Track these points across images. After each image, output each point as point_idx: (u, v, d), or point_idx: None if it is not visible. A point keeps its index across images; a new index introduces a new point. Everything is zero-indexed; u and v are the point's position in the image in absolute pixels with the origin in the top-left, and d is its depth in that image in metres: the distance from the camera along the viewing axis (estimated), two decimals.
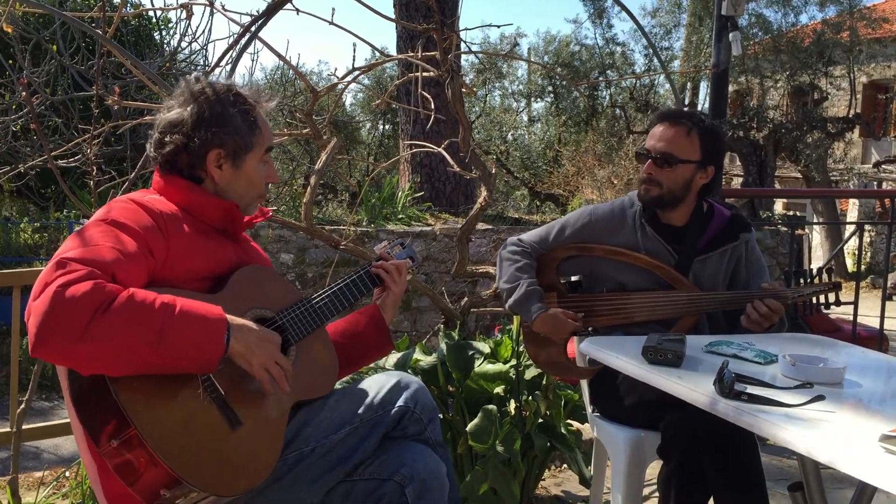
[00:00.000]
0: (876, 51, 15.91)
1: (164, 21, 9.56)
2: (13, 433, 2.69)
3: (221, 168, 1.72)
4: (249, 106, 1.75)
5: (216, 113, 1.70)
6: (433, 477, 1.70)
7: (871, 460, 1.23)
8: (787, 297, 2.26)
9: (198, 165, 1.71)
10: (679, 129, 2.32)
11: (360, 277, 1.91)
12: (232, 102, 1.73)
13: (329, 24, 2.86)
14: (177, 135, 1.69)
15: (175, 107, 1.73)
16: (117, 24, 2.89)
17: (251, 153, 1.75)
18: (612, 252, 2.38)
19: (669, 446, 2.02)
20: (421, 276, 7.01)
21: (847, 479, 1.31)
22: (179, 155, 1.70)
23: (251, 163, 1.75)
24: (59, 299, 1.34)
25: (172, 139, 1.69)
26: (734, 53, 3.78)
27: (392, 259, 1.98)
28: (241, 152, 1.73)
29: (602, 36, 16.30)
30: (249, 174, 1.75)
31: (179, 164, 1.71)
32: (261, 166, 1.78)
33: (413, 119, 9.00)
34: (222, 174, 1.72)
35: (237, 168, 1.73)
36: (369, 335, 1.94)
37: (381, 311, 1.96)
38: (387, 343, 1.97)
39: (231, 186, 1.74)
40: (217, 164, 1.71)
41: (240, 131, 1.72)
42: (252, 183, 1.77)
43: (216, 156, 1.71)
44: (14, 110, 6.98)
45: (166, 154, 1.70)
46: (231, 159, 1.72)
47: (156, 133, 1.73)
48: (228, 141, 1.71)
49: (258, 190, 1.79)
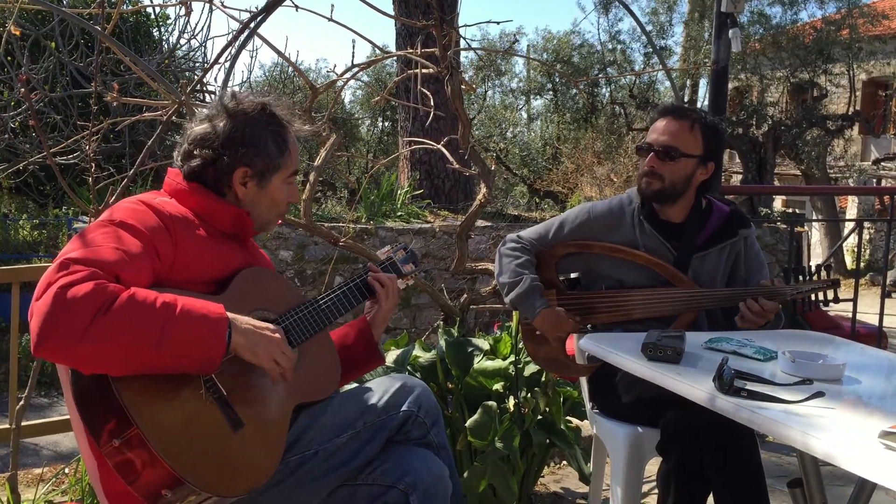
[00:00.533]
0: (876, 48, 15.90)
1: (163, 17, 9.55)
2: (12, 430, 2.68)
3: (246, 186, 1.73)
4: (282, 128, 1.76)
5: (248, 132, 1.70)
6: (436, 482, 1.71)
7: (870, 457, 1.23)
8: (785, 293, 2.26)
9: (223, 181, 1.72)
10: (682, 123, 2.32)
11: (357, 286, 1.89)
12: (265, 122, 1.73)
13: (328, 20, 2.86)
14: (206, 149, 1.70)
15: (207, 120, 1.72)
16: (116, 20, 2.88)
17: (278, 174, 1.75)
18: (611, 249, 2.38)
19: (669, 443, 2.02)
20: (420, 273, 7.01)
21: (847, 475, 1.31)
22: (206, 169, 1.70)
23: (276, 183, 1.76)
24: (60, 300, 1.34)
25: (201, 153, 1.70)
26: (734, 50, 3.78)
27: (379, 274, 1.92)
28: (268, 173, 1.74)
29: (607, 31, 16.27)
30: (273, 194, 1.76)
31: (205, 177, 1.71)
32: (285, 187, 1.78)
33: (412, 116, 8.99)
34: (246, 192, 1.73)
35: (262, 188, 1.74)
36: (358, 349, 1.94)
37: (371, 325, 1.95)
38: (375, 357, 1.97)
39: (254, 204, 1.75)
40: (242, 181, 1.72)
41: (269, 153, 1.72)
42: (275, 203, 1.78)
43: (242, 174, 1.71)
44: (13, 107, 6.97)
45: (193, 167, 1.71)
46: (257, 179, 1.73)
47: (185, 144, 1.73)
48: (257, 161, 1.71)
49: (280, 209, 1.80)
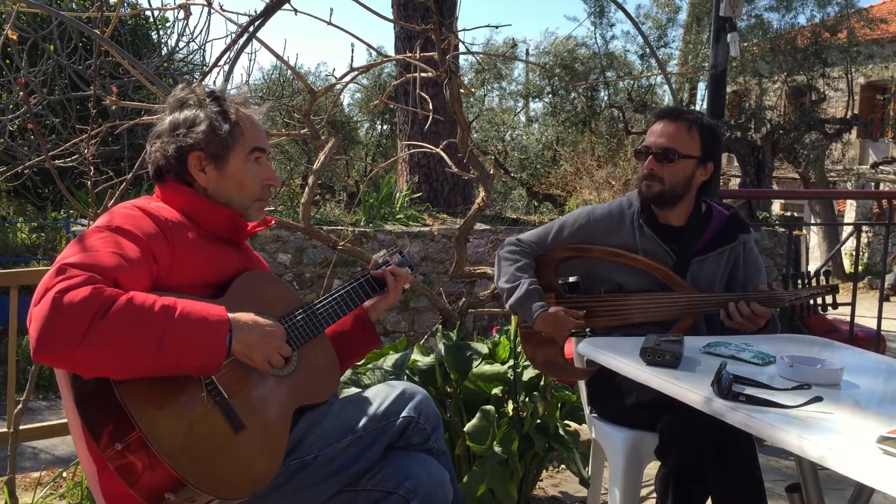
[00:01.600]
0: (874, 52, 15.92)
1: (162, 21, 9.55)
2: (10, 433, 2.68)
3: (205, 171, 1.71)
4: (225, 105, 1.74)
5: (188, 116, 1.71)
6: (437, 487, 1.71)
7: (868, 461, 1.23)
8: (784, 299, 2.26)
9: (181, 170, 1.71)
10: (680, 125, 2.33)
11: (361, 284, 1.90)
12: (206, 104, 1.73)
13: (327, 24, 2.86)
14: (157, 142, 1.72)
15: (163, 118, 1.75)
16: (115, 23, 2.88)
17: (234, 152, 1.73)
18: (611, 253, 2.38)
19: (667, 447, 2.02)
20: (419, 276, 7.01)
21: (845, 480, 1.31)
22: (167, 163, 1.71)
23: (235, 163, 1.73)
24: (57, 305, 1.34)
25: (154, 147, 1.72)
26: (732, 54, 3.79)
27: (394, 267, 1.98)
28: (222, 152, 1.71)
29: (602, 35, 16.28)
30: (237, 175, 1.73)
31: (166, 172, 1.72)
32: (250, 167, 1.75)
33: (411, 119, 9.00)
34: (207, 177, 1.72)
35: (220, 170, 1.72)
36: (356, 334, 1.96)
37: (368, 311, 1.97)
38: (374, 339, 1.99)
39: (220, 189, 1.73)
40: (199, 167, 1.71)
41: (217, 130, 1.70)
42: (243, 185, 1.74)
43: (196, 158, 1.70)
44: (11, 110, 6.96)
45: (153, 164, 1.73)
46: (213, 161, 1.71)
47: (147, 145, 1.75)
48: (204, 142, 1.70)
49: (251, 192, 1.76)
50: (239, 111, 1.76)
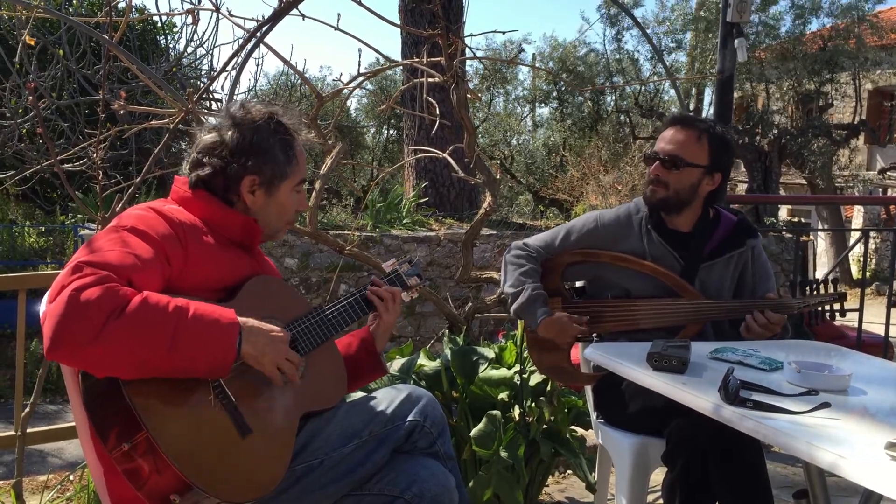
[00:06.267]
0: (881, 58, 15.88)
1: (169, 26, 9.60)
2: (18, 437, 2.69)
3: (254, 194, 1.74)
4: (290, 137, 1.78)
5: (256, 141, 1.72)
6: (443, 492, 1.71)
7: (876, 468, 1.22)
8: (792, 307, 2.25)
9: (232, 189, 1.73)
10: (690, 133, 2.32)
11: (357, 300, 1.89)
12: (273, 131, 1.75)
13: (335, 29, 2.87)
14: (215, 158, 1.71)
15: (215, 129, 1.75)
16: (123, 28, 2.90)
17: (286, 182, 1.77)
18: (618, 258, 2.37)
19: (674, 453, 2.01)
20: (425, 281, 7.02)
21: (852, 487, 1.31)
22: (215, 177, 1.72)
23: (285, 192, 1.77)
24: (73, 303, 1.35)
25: (210, 162, 1.71)
26: (739, 60, 3.79)
27: (384, 287, 1.93)
28: (276, 182, 1.75)
29: (614, 37, 16.20)
30: (282, 202, 1.78)
31: (214, 186, 1.73)
32: (293, 195, 1.80)
33: (418, 124, 9.02)
34: (255, 200, 1.74)
35: (270, 196, 1.76)
36: (361, 360, 1.94)
37: (374, 336, 1.95)
38: (378, 368, 1.97)
39: (262, 213, 1.76)
40: (251, 189, 1.73)
41: (277, 161, 1.74)
42: (284, 211, 1.80)
43: (251, 182, 1.73)
44: (20, 114, 7.00)
45: (202, 175, 1.72)
46: (265, 187, 1.74)
47: (193, 153, 1.74)
48: (265, 170, 1.73)
49: (288, 218, 1.82)
50: (297, 141, 1.79)
